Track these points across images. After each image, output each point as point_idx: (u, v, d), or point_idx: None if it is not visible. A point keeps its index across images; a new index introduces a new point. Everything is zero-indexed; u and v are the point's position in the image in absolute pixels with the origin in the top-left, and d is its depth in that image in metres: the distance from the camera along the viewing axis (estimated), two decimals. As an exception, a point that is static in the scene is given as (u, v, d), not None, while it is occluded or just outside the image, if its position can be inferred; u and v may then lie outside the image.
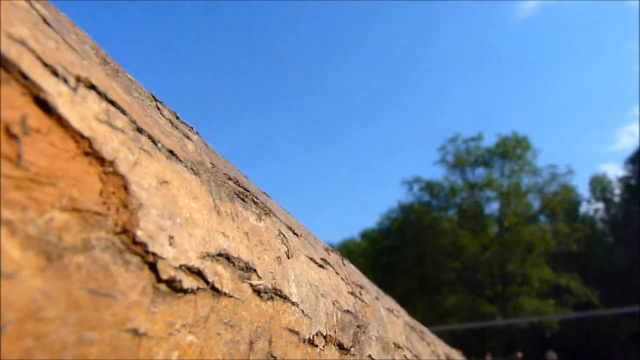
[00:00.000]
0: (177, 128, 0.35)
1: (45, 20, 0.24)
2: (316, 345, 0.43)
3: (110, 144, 0.24)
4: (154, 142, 0.28)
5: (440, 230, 17.17)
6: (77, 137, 0.22)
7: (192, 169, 0.31)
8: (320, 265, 0.49)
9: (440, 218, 17.83)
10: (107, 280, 0.22)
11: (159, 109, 0.34)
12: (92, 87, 0.24)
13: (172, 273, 0.26)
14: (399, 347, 0.69)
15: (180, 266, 0.26)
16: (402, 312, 0.86)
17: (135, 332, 0.23)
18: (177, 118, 0.37)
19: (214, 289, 0.29)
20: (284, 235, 0.43)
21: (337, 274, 0.54)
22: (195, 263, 0.28)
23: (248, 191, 0.40)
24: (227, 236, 0.32)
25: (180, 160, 0.30)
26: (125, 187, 0.24)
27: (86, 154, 0.23)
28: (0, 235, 0.18)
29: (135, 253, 0.24)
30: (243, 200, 0.38)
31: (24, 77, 0.20)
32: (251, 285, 0.34)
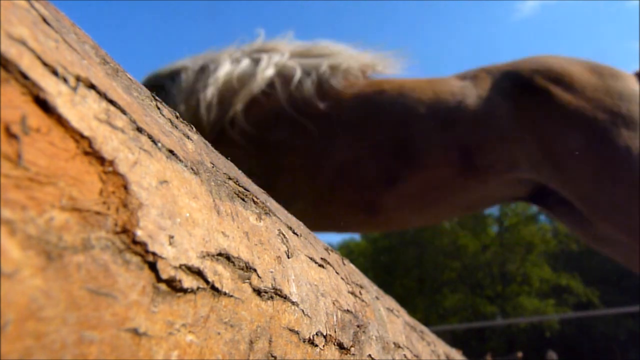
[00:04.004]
0: (177, 128, 0.35)
1: (45, 20, 0.24)
2: (316, 345, 0.43)
3: (110, 143, 0.24)
4: (154, 141, 0.28)
5: (440, 230, 17.17)
6: (77, 136, 0.22)
7: (192, 168, 0.31)
8: (320, 265, 0.49)
9: (440, 218, 17.75)
10: (107, 280, 0.22)
11: (158, 108, 0.34)
12: (92, 86, 0.24)
13: (172, 273, 0.26)
14: (399, 346, 0.69)
15: (180, 266, 0.26)
16: (402, 312, 0.86)
17: (135, 331, 0.23)
18: (177, 118, 0.37)
19: (214, 288, 0.29)
20: (284, 235, 0.43)
21: (337, 273, 0.54)
22: (195, 263, 0.28)
23: (248, 191, 0.40)
24: (227, 236, 0.32)
25: (180, 160, 0.30)
26: (125, 187, 0.24)
27: (86, 153, 0.23)
28: (0, 234, 0.18)
29: (135, 252, 0.24)
30: (243, 199, 0.38)
31: (24, 76, 0.20)
32: (251, 284, 0.34)
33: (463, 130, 1.77)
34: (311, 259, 0.48)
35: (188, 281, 0.27)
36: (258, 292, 0.35)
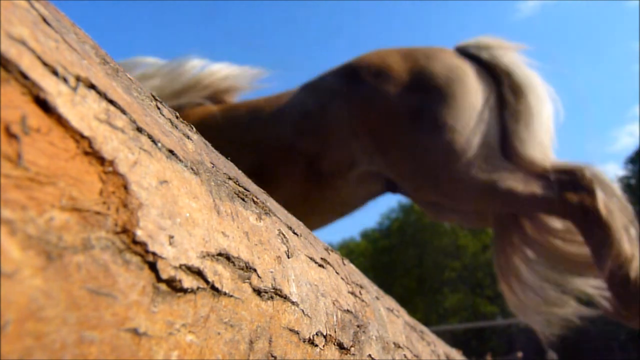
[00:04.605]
0: (177, 128, 0.35)
1: (45, 20, 0.24)
2: (316, 345, 0.43)
3: (110, 143, 0.24)
4: (154, 141, 0.28)
5: (440, 230, 17.18)
6: (77, 136, 0.22)
7: (192, 168, 0.31)
8: (320, 265, 0.49)
9: (440, 218, 17.79)
10: (107, 280, 0.22)
11: (158, 108, 0.34)
12: (92, 86, 0.24)
13: (172, 273, 0.26)
14: (399, 346, 0.69)
15: (180, 266, 0.26)
16: (402, 312, 0.86)
17: (135, 331, 0.23)
18: (177, 118, 0.37)
19: (214, 288, 0.29)
20: (284, 235, 0.43)
21: (337, 273, 0.54)
22: (195, 263, 0.28)
23: (248, 191, 0.40)
24: (227, 236, 0.32)
25: (180, 160, 0.30)
26: (125, 187, 0.24)
27: (86, 153, 0.23)
28: (0, 234, 0.18)
29: (135, 253, 0.24)
30: (243, 199, 0.38)
31: (24, 76, 0.20)
32: (251, 284, 0.34)
33: (306, 142, 1.85)
34: (311, 259, 0.48)
35: (188, 281, 0.27)
36: (258, 292, 0.35)
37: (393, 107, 1.74)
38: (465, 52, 1.85)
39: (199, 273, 0.28)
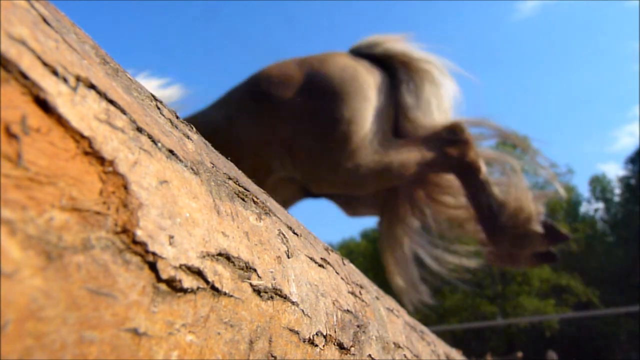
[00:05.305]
0: (177, 128, 0.35)
1: (45, 20, 0.24)
2: (316, 345, 0.43)
3: (110, 143, 0.24)
4: (154, 141, 0.28)
5: (440, 230, 17.14)
6: (77, 136, 0.22)
7: (192, 168, 0.31)
8: (320, 265, 0.49)
9: (440, 218, 17.81)
10: (107, 280, 0.22)
11: (159, 108, 0.34)
12: (92, 86, 0.24)
13: (172, 273, 0.26)
14: (399, 346, 0.69)
15: (180, 266, 0.26)
16: (402, 312, 0.86)
17: (135, 331, 0.23)
18: (177, 117, 0.37)
19: (214, 288, 0.29)
20: (283, 235, 0.43)
21: (337, 273, 0.54)
22: (195, 263, 0.28)
23: (248, 191, 0.40)
24: (227, 236, 0.32)
25: (180, 160, 0.30)
26: (125, 187, 0.24)
27: (86, 153, 0.23)
28: (0, 234, 0.18)
29: (135, 252, 0.24)
30: (243, 199, 0.38)
31: (24, 76, 0.20)
32: (251, 284, 0.34)
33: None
34: (311, 259, 0.48)
35: (188, 281, 0.27)
36: (258, 292, 0.35)
37: (294, 111, 1.87)
38: (358, 52, 2.00)
39: (199, 273, 0.28)
